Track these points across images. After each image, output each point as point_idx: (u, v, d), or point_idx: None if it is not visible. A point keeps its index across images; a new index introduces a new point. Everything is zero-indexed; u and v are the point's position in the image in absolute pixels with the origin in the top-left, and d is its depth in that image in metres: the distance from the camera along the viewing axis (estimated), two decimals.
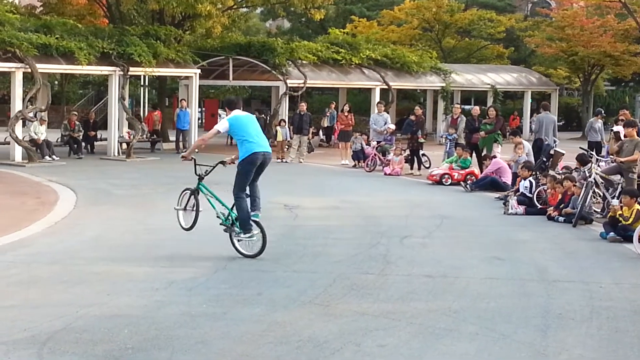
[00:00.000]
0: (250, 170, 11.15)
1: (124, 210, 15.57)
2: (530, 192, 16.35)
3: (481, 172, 20.51)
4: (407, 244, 12.48)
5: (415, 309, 8.68)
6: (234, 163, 11.40)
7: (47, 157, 25.16)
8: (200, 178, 11.52)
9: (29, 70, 25.05)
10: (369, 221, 14.78)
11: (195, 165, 11.50)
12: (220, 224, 11.43)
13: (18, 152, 24.76)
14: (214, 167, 11.57)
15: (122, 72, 27.32)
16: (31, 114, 25.21)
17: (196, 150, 12.56)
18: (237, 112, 11.40)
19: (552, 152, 18.62)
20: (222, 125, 11.29)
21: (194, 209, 11.59)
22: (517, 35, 49.20)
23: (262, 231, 11.13)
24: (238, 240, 11.26)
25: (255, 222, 11.15)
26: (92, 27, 31.17)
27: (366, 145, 25.14)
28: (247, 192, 11.28)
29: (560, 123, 44.25)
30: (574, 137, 37.92)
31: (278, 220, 14.63)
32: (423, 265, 10.93)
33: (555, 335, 7.87)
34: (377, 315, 8.38)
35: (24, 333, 7.54)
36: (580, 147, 17.82)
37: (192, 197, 11.61)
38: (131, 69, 27.54)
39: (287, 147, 27.18)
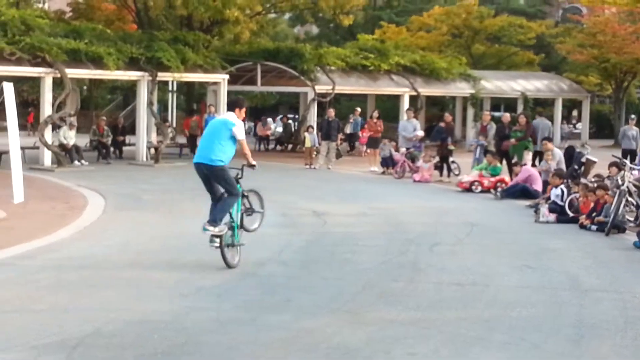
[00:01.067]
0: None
1: (152, 216, 15.58)
2: (562, 200, 16.17)
3: (511, 179, 20.34)
4: (437, 252, 12.38)
5: (445, 317, 8.60)
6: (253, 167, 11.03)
7: (76, 162, 25.30)
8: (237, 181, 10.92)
9: (59, 75, 25.21)
10: (397, 228, 14.70)
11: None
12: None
13: (47, 157, 24.89)
14: (242, 170, 11.03)
15: (150, 78, 27.41)
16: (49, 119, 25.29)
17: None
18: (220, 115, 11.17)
19: (584, 159, 18.44)
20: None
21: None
22: (547, 41, 48.87)
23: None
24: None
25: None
26: (121, 32, 31.41)
27: (395, 151, 25.04)
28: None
29: (592, 131, 44.01)
30: (605, 145, 37.55)
31: (306, 226, 14.61)
32: (453, 273, 10.83)
33: (588, 346, 7.75)
34: (407, 324, 8.30)
35: (54, 337, 7.53)
36: (612, 155, 17.62)
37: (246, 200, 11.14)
38: (159, 74, 27.61)
39: (315, 153, 27.13)
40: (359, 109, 36.04)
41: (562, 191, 16.41)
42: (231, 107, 11.15)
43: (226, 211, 10.77)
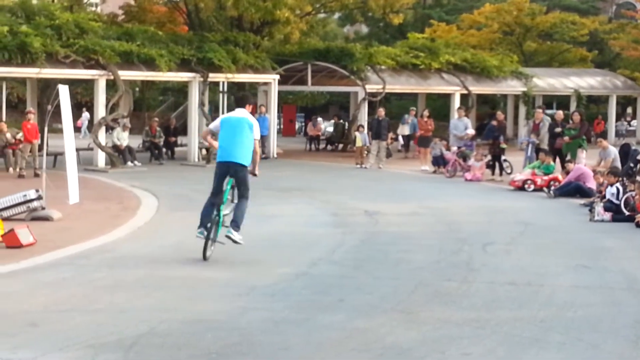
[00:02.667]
0: (215, 173, 11.19)
1: None
2: (618, 199, 15.91)
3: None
4: (490, 251, 12.28)
5: (499, 317, 8.51)
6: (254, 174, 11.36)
7: (129, 163, 25.58)
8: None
9: (112, 77, 25.55)
10: (450, 227, 14.61)
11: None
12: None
13: (101, 158, 25.23)
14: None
15: (201, 79, 27.63)
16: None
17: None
18: (234, 113, 11.37)
19: (639, 157, 18.16)
20: (214, 123, 11.46)
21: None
22: (601, 38, 48.21)
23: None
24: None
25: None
26: (172, 34, 31.69)
27: (446, 150, 24.90)
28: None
29: None
30: None
31: (359, 226, 14.59)
32: (507, 272, 10.73)
33: None
34: (461, 323, 8.23)
35: (110, 337, 7.61)
36: None
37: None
38: (211, 75, 27.85)
39: (365, 152, 27.09)
40: (414, 109, 35.77)
41: (618, 189, 16.15)
42: (242, 103, 11.52)
43: (244, 215, 11.12)
